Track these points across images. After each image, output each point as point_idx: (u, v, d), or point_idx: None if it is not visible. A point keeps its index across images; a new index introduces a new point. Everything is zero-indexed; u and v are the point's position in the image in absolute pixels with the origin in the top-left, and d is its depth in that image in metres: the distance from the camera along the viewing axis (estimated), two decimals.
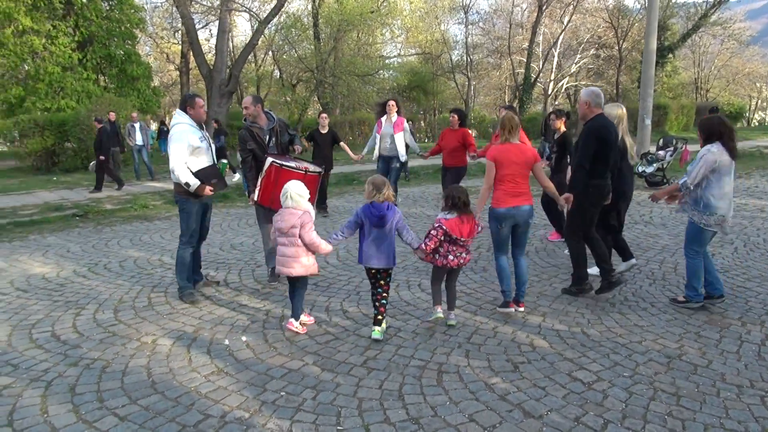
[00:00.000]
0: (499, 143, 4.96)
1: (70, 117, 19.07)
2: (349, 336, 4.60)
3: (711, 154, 4.74)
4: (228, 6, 22.21)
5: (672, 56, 33.08)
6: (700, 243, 4.97)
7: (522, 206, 4.82)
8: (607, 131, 5.02)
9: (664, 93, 35.91)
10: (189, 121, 5.37)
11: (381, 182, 4.45)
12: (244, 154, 5.92)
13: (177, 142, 5.27)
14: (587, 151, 4.99)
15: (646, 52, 13.88)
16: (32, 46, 21.60)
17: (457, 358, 4.16)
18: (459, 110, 8.96)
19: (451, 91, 42.00)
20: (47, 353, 4.40)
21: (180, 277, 5.59)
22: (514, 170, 4.79)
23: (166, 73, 43.24)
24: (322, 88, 27.33)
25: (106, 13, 24.48)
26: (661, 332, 4.58)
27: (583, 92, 5.23)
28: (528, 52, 33.04)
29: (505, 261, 4.99)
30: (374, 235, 4.41)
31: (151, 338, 4.66)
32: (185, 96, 5.57)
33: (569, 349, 4.30)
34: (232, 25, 31.06)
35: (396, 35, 37.47)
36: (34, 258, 7.46)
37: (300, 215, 4.48)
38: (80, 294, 5.86)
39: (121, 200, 12.36)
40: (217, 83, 21.66)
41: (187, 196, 5.46)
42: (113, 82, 24.83)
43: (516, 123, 4.90)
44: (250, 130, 5.90)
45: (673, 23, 33.99)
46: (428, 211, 10.16)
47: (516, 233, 4.95)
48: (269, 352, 4.33)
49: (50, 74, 21.62)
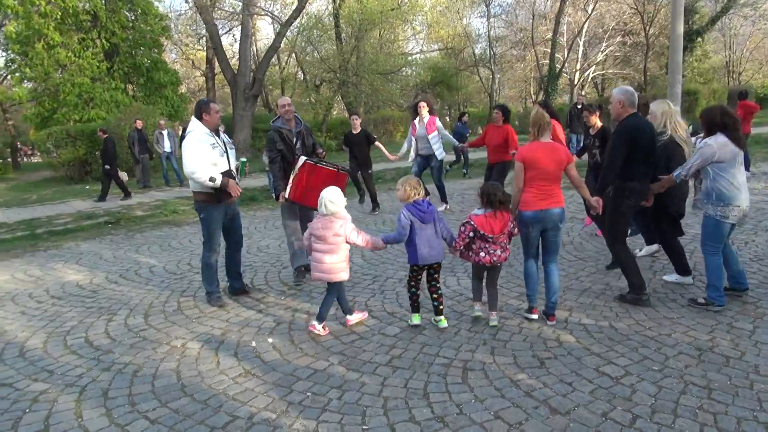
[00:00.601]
0: (528, 143, 4.67)
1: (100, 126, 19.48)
2: (374, 335, 4.62)
3: (708, 147, 4.61)
4: (250, 11, 22.42)
5: (701, 40, 32.20)
6: (717, 238, 4.73)
7: (551, 209, 4.51)
8: (641, 132, 4.79)
9: (695, 78, 35.09)
10: (202, 128, 5.36)
11: (416, 182, 4.60)
12: (273, 155, 5.97)
13: (190, 148, 5.26)
14: (618, 153, 4.78)
15: (673, 38, 13.57)
16: (59, 59, 22.14)
17: (483, 355, 4.15)
18: (503, 106, 8.95)
19: (475, 85, 41.73)
20: (81, 359, 4.52)
21: (207, 282, 5.66)
22: (544, 171, 4.49)
23: (192, 79, 43.89)
24: (345, 88, 27.39)
25: (132, 23, 24.93)
26: (691, 324, 4.49)
27: (616, 91, 4.99)
28: (552, 43, 32.59)
29: (533, 265, 4.71)
30: (424, 232, 4.50)
31: (180, 342, 4.74)
32: (199, 103, 5.50)
33: (596, 343, 4.25)
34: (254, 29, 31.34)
35: (418, 31, 37.33)
36: (68, 266, 7.66)
37: (341, 224, 4.55)
38: (112, 300, 5.99)
39: (151, 206, 12.60)
40: (241, 87, 21.89)
41: (206, 203, 5.44)
42: (141, 90, 25.29)
43: (546, 120, 4.59)
44: (280, 132, 5.99)
45: (701, 6, 33.12)
46: (453, 207, 10.12)
47: (545, 237, 4.65)
48: (295, 353, 4.37)
49: (79, 86, 22.13)
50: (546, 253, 4.72)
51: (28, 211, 13.16)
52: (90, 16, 23.38)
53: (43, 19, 21.64)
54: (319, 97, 28.24)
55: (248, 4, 22.20)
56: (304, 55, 29.84)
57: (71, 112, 22.05)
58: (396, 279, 6.09)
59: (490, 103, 35.54)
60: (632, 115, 4.88)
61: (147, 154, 16.24)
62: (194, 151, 5.22)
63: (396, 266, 6.57)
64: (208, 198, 5.41)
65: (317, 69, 28.91)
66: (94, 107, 22.43)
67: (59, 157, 19.23)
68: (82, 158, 19.13)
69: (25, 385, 4.11)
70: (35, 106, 23.72)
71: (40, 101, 23.16)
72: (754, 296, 4.97)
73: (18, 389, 4.06)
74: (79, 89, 22.16)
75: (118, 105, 22.23)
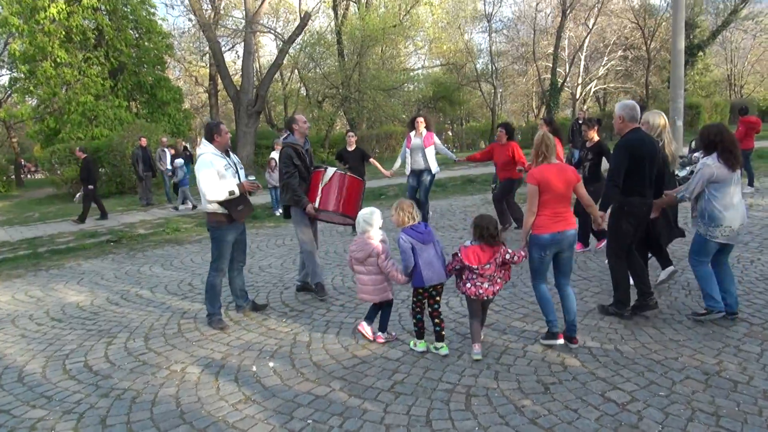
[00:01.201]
0: (537, 165, 4.57)
1: (103, 144, 19.62)
2: (376, 359, 4.56)
3: (707, 167, 4.65)
4: (252, 28, 22.56)
5: (702, 54, 32.35)
6: (704, 254, 4.85)
7: (567, 231, 4.46)
8: (642, 147, 4.77)
9: (696, 92, 35.15)
10: (213, 150, 5.42)
11: (409, 205, 4.62)
12: (291, 170, 6.01)
13: (205, 169, 5.30)
14: (620, 168, 4.74)
15: (674, 53, 13.59)
16: (65, 77, 22.29)
17: (486, 380, 4.08)
18: (506, 124, 9.04)
19: (477, 100, 41.84)
20: (80, 384, 4.47)
21: (210, 303, 5.61)
22: (557, 193, 4.42)
23: (195, 95, 44.15)
24: (347, 104, 27.49)
25: (136, 41, 25.12)
26: (698, 347, 4.42)
27: (617, 107, 4.97)
28: (554, 57, 32.75)
29: (546, 289, 4.60)
30: (426, 253, 4.48)
31: (180, 366, 4.69)
32: (210, 125, 5.57)
33: (602, 367, 4.18)
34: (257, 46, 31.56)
35: (419, 47, 37.54)
36: (69, 286, 7.62)
37: (375, 245, 4.64)
38: (112, 322, 5.95)
39: (153, 224, 12.58)
40: (244, 104, 21.98)
41: (221, 224, 5.46)
42: (144, 107, 25.44)
43: (551, 142, 4.50)
44: (295, 148, 6.10)
45: (702, 20, 33.30)
46: (456, 225, 10.07)
47: (560, 259, 4.57)
48: (296, 378, 4.31)
49: (83, 104, 22.26)
50: (560, 276, 4.64)
51: (31, 229, 13.16)
52: (95, 35, 23.58)
53: (47, 37, 21.82)
54: (322, 113, 28.33)
55: (251, 22, 22.33)
56: (306, 71, 29.99)
57: (75, 130, 22.15)
58: (398, 300, 6.03)
59: (493, 117, 35.61)
60: (634, 130, 4.85)
61: (150, 171, 16.27)
62: (209, 174, 5.28)
63: (397, 287, 6.51)
64: (224, 218, 5.46)
65: (320, 85, 29.05)
66: (97, 125, 22.55)
67: (62, 175, 19.29)
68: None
69: (22, 412, 4.06)
70: (38, 124, 23.87)
71: (43, 119, 23.31)
72: (761, 317, 4.90)
73: (15, 416, 4.00)
74: (83, 107, 22.28)
75: (122, 122, 22.36)
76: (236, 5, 33.68)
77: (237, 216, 5.47)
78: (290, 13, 36.68)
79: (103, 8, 23.67)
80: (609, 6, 33.02)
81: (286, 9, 37.00)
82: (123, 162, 18.48)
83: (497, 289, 4.45)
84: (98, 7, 23.27)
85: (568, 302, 4.58)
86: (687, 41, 25.66)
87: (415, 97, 33.55)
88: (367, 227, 4.71)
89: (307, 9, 27.97)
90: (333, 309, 5.87)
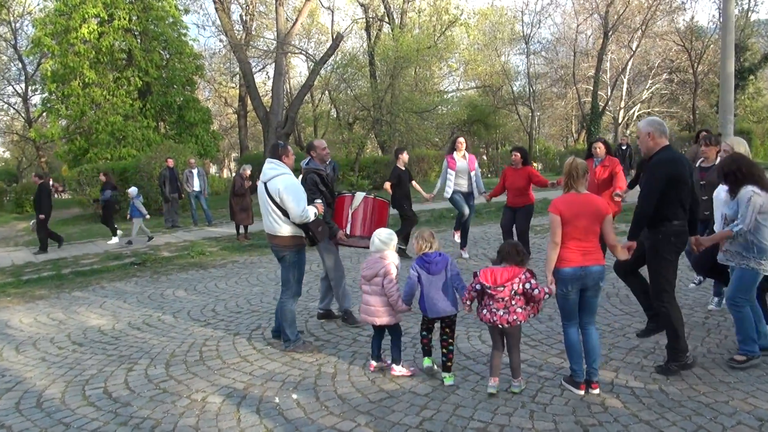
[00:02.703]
0: (563, 194, 4.42)
1: (130, 164, 20.11)
2: (404, 394, 4.51)
3: (758, 196, 4.54)
4: (284, 49, 23.06)
5: (754, 78, 31.82)
6: (750, 290, 4.67)
7: (591, 267, 4.25)
8: (679, 166, 4.51)
9: (747, 117, 34.48)
10: (290, 170, 5.59)
11: (429, 235, 4.73)
12: (317, 197, 6.04)
13: (298, 189, 5.49)
14: (655, 191, 4.46)
15: (723, 76, 13.43)
16: (94, 98, 23.02)
17: (520, 419, 3.99)
18: (521, 148, 8.98)
19: (514, 123, 41.81)
20: (98, 411, 4.51)
21: (292, 329, 5.60)
22: (582, 225, 4.24)
23: (224, 116, 45.11)
24: (379, 126, 27.71)
25: (165, 62, 25.84)
26: (750, 390, 4.26)
27: (642, 123, 4.70)
28: (594, 80, 32.58)
29: (575, 334, 4.40)
30: (433, 284, 4.54)
31: (201, 395, 4.71)
32: (278, 145, 5.81)
33: (645, 409, 4.05)
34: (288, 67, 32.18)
35: (454, 69, 37.81)
36: (91, 309, 7.76)
37: (385, 264, 4.74)
38: (134, 348, 6.02)
39: (178, 247, 12.78)
40: (273, 126, 22.37)
41: (300, 246, 5.64)
42: (172, 128, 26.04)
43: (583, 169, 4.33)
44: (319, 174, 6.20)
45: (753, 42, 32.84)
46: (490, 253, 9.98)
47: (584, 297, 4.36)
48: (320, 411, 4.29)
49: (112, 124, 22.91)
50: (584, 315, 4.43)
51: (56, 250, 13.46)
52: (125, 55, 24.36)
53: (78, 57, 22.61)
54: (352, 135, 28.59)
55: (282, 42, 22.85)
56: (337, 93, 30.37)
57: (104, 151, 22.78)
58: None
59: (530, 141, 35.51)
60: (666, 148, 4.60)
61: (177, 193, 16.58)
62: (301, 191, 5.49)
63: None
64: (301, 240, 5.63)
65: (351, 107, 29.36)
66: (126, 146, 23.15)
67: (89, 195, 19.79)
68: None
69: None
70: (67, 144, 24.61)
71: (72, 139, 24.03)
72: None
73: None
74: (111, 127, 22.93)
75: (150, 143, 22.92)
76: (268, 26, 34.54)
77: (320, 237, 5.66)
78: (322, 33, 37.47)
79: (135, 29, 24.45)
80: (653, 28, 32.84)
81: (318, 30, 37.81)
82: (150, 183, 18.87)
83: (514, 319, 4.27)
84: (129, 28, 24.05)
85: (590, 344, 4.40)
86: (737, 64, 25.29)
87: (448, 120, 33.63)
88: (383, 247, 4.83)
89: (340, 30, 28.51)
90: (360, 339, 5.85)
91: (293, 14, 29.62)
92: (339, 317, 6.56)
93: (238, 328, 6.52)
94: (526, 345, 5.39)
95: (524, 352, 5.19)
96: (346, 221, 6.17)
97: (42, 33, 23.28)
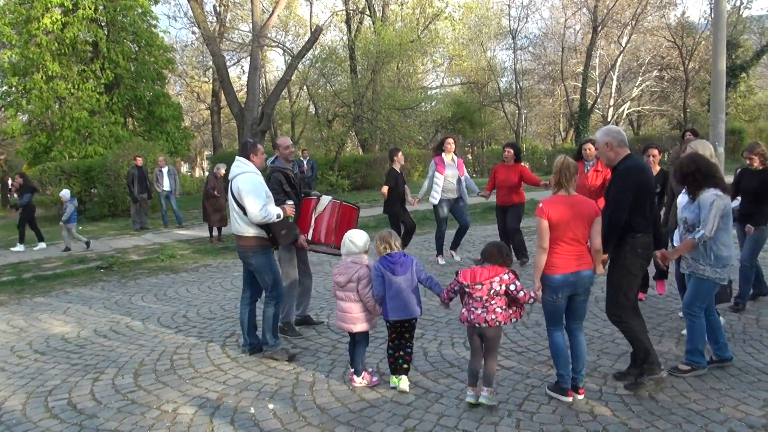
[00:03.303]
0: (552, 195, 4.39)
1: (96, 163, 19.90)
2: (386, 403, 4.52)
3: (720, 198, 4.56)
4: (260, 42, 22.95)
5: (745, 75, 32.36)
6: (707, 300, 4.73)
7: (582, 272, 4.26)
8: (644, 174, 4.49)
9: (739, 116, 35.05)
10: (255, 169, 5.56)
11: (388, 234, 4.76)
12: (282, 197, 5.96)
13: (255, 188, 5.42)
14: (624, 201, 4.35)
15: (714, 74, 13.60)
16: (58, 92, 22.72)
17: (507, 428, 4.03)
18: (513, 144, 9.09)
19: (500, 121, 42.04)
20: (62, 424, 4.47)
21: (274, 334, 5.61)
22: (572, 229, 4.22)
23: (197, 112, 44.79)
24: (360, 123, 27.71)
25: (135, 54, 25.60)
26: (741, 397, 4.35)
27: (599, 134, 4.62)
28: (583, 77, 32.91)
29: (561, 338, 4.41)
30: (395, 286, 4.57)
31: (172, 406, 4.68)
32: (248, 143, 5.78)
33: (635, 417, 4.11)
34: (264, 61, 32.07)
35: (438, 64, 37.93)
36: (54, 316, 7.67)
37: (357, 269, 4.71)
38: (100, 356, 5.96)
39: (147, 250, 12.67)
40: (248, 122, 22.26)
41: (264, 247, 5.59)
42: (141, 125, 25.80)
43: (573, 170, 4.29)
44: (285, 173, 6.11)
45: (745, 39, 33.39)
46: (476, 255, 10.02)
47: (574, 302, 4.37)
48: (298, 422, 4.28)
49: (77, 120, 22.64)
50: (572, 320, 4.46)
51: (16, 253, 13.28)
52: (91, 47, 24.09)
53: (40, 49, 22.31)
54: (332, 133, 28.55)
55: (258, 35, 22.73)
56: (316, 89, 30.30)
57: (68, 148, 22.50)
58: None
59: (516, 140, 35.72)
60: (629, 156, 4.53)
61: (146, 193, 16.43)
62: (261, 191, 5.44)
63: None
64: (266, 242, 5.58)
65: (330, 103, 29.32)
66: (92, 143, 22.89)
67: (53, 195, 19.53)
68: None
69: None
70: (29, 141, 24.27)
71: (34, 135, 23.70)
72: None
73: None
74: (76, 123, 22.66)
75: (117, 140, 22.67)
76: (243, 18, 34.40)
77: (282, 240, 5.63)
78: (300, 26, 37.37)
79: (101, 19, 24.19)
80: (643, 23, 33.25)
81: (295, 22, 37.70)
82: (117, 182, 18.69)
83: (492, 319, 4.23)
84: (96, 18, 23.79)
85: (578, 349, 4.43)
86: (729, 62, 25.72)
87: (432, 118, 33.73)
88: (353, 248, 4.80)
89: (319, 22, 28.51)
90: (339, 347, 5.85)
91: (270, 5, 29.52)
92: (317, 323, 6.56)
93: (212, 335, 6.49)
94: (512, 351, 5.44)
95: (510, 359, 5.25)
96: (308, 226, 6.07)
97: (1, 22, 22.95)
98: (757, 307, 6.39)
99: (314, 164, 20.48)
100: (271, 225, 5.48)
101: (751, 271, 6.31)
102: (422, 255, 10.16)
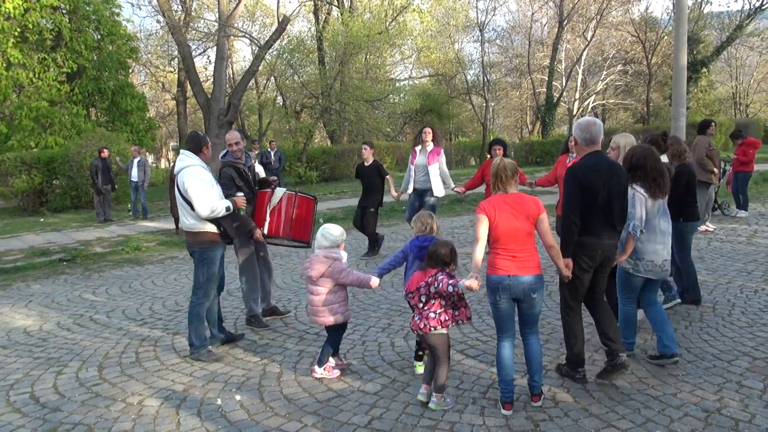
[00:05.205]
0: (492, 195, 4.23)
1: (58, 154, 19.48)
2: (353, 393, 4.56)
3: (640, 192, 4.67)
4: (226, 32, 22.65)
5: (706, 70, 33.11)
6: (630, 289, 4.92)
7: (521, 277, 4.04)
8: (591, 174, 4.34)
9: (700, 110, 35.89)
10: (200, 162, 5.41)
11: (428, 215, 4.83)
12: (233, 192, 5.79)
13: (200, 182, 5.24)
14: (571, 202, 4.34)
15: (676, 69, 13.90)
16: (18, 80, 22.15)
17: (471, 416, 4.10)
18: (501, 141, 8.89)
19: (468, 113, 42.31)
20: (25, 418, 4.41)
21: (197, 335, 5.44)
22: (511, 229, 4.04)
23: (162, 102, 44.10)
24: (328, 115, 27.64)
25: (97, 43, 25.07)
26: (697, 382, 4.49)
27: (574, 128, 4.68)
28: (549, 70, 33.32)
29: (507, 350, 4.18)
30: (417, 267, 4.55)
31: (137, 398, 4.65)
32: (199, 136, 5.52)
33: (596, 403, 4.22)
34: (231, 51, 31.69)
35: (407, 56, 37.94)
36: (16, 310, 7.52)
37: (331, 264, 4.70)
38: (63, 350, 5.88)
39: (112, 242, 12.48)
40: (215, 113, 21.95)
41: (214, 243, 5.42)
42: (104, 115, 25.33)
43: (511, 171, 4.11)
44: (236, 167, 6.04)
45: (705, 35, 34.15)
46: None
47: (520, 308, 4.19)
48: (265, 413, 4.30)
49: (36, 109, 22.11)
50: (522, 324, 4.30)
51: None
52: (53, 35, 23.51)
53: (1, 35, 21.70)
54: (300, 125, 28.44)
55: (224, 25, 22.43)
56: (283, 80, 30.13)
57: (27, 138, 21.97)
58: (378, 328, 6.05)
59: (484, 132, 35.99)
60: (590, 155, 4.47)
61: (110, 185, 16.15)
62: (207, 187, 5.27)
63: (379, 314, 6.54)
64: (216, 238, 5.44)
65: (298, 94, 29.20)
66: (52, 133, 22.39)
67: (12, 186, 19.10)
68: (37, 188, 19.01)
69: None
70: None
71: None
72: (764, 351, 5.00)
73: None
74: (36, 113, 22.13)
75: (79, 131, 22.21)
76: (209, 7, 33.92)
77: (234, 234, 5.58)
78: (267, 16, 36.99)
79: (63, 7, 23.62)
80: (608, 18, 33.76)
81: (262, 12, 37.29)
82: (79, 174, 18.34)
83: (426, 325, 4.13)
84: (57, 5, 23.22)
85: (530, 354, 4.26)
86: (690, 57, 26.29)
87: (400, 110, 33.81)
88: (324, 242, 4.79)
89: (286, 12, 28.23)
90: (307, 338, 5.87)
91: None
92: (285, 314, 6.56)
93: (178, 327, 6.44)
94: (478, 341, 5.52)
95: (476, 348, 5.32)
96: (263, 220, 6.01)
97: None
98: (713, 296, 6.58)
99: (282, 156, 20.35)
100: (221, 219, 5.38)
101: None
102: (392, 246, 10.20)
